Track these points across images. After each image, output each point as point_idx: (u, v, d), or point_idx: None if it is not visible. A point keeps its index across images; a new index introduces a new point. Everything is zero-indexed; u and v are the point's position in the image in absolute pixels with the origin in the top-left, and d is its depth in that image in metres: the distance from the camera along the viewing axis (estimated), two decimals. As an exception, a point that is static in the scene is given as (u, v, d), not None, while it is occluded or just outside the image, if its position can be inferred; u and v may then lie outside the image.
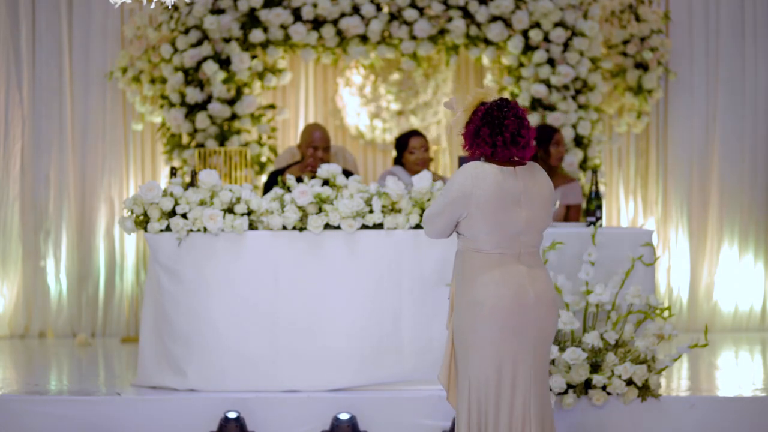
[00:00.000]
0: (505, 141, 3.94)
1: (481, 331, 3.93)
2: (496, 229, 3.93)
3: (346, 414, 5.13)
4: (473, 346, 3.94)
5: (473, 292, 3.94)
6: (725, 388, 5.61)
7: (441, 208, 3.98)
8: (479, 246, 3.96)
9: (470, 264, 3.98)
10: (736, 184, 7.76)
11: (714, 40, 7.77)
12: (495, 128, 3.94)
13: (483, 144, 3.96)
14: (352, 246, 5.37)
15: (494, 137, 3.94)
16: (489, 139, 3.94)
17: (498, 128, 3.94)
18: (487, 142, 3.95)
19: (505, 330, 3.93)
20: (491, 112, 3.95)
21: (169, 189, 5.41)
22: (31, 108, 7.60)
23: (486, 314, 3.92)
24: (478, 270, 3.96)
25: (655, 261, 5.46)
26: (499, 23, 7.15)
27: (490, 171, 3.94)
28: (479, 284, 3.94)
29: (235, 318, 5.36)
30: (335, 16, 7.17)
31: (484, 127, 3.95)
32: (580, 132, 7.20)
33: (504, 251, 3.96)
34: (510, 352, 3.94)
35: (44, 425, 5.20)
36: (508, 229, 3.94)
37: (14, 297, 7.57)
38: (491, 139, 3.94)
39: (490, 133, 3.94)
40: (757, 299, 7.79)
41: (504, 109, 3.95)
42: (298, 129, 7.83)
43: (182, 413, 5.22)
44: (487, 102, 4.00)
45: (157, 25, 7.35)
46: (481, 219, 3.92)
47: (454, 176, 4.00)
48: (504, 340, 3.93)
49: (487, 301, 3.92)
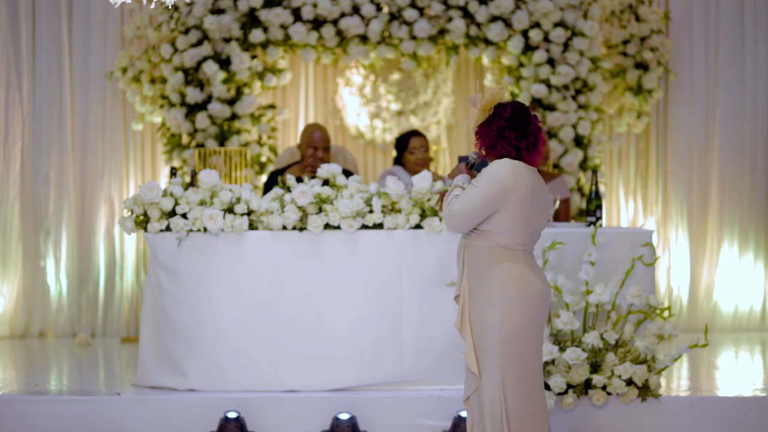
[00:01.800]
0: (529, 144, 4.00)
1: (531, 326, 3.97)
2: (525, 225, 3.98)
3: (346, 414, 5.13)
4: (522, 340, 3.95)
5: (515, 286, 3.95)
6: (725, 388, 5.60)
7: (482, 202, 3.95)
8: (504, 242, 3.98)
9: (497, 259, 3.97)
10: (736, 184, 7.77)
11: (714, 40, 7.78)
12: (521, 131, 3.98)
13: (507, 146, 4.00)
14: (352, 246, 5.37)
15: (519, 140, 3.98)
16: (515, 141, 3.98)
17: (523, 131, 3.99)
18: (513, 144, 3.99)
19: (537, 322, 4.00)
20: (516, 115, 3.99)
21: (169, 189, 5.41)
22: (31, 108, 7.60)
23: (536, 308, 3.97)
24: (510, 265, 3.97)
25: (655, 261, 5.46)
26: (499, 23, 7.15)
27: (525, 168, 3.98)
28: (519, 278, 3.95)
29: (235, 318, 5.36)
30: (335, 16, 7.17)
31: (509, 129, 3.98)
32: (580, 132, 7.20)
33: (525, 248, 4.02)
34: (535, 348, 4.02)
35: (44, 425, 5.20)
36: (531, 227, 4.01)
37: (14, 297, 7.57)
38: (516, 142, 3.98)
39: (516, 136, 3.98)
40: (757, 299, 7.80)
41: (525, 114, 4.01)
42: (298, 129, 7.83)
43: (182, 413, 5.22)
44: (503, 103, 4.03)
45: (157, 25, 7.35)
46: (514, 215, 3.95)
47: (494, 171, 3.97)
48: (535, 333, 4.00)
49: (534, 294, 3.96)
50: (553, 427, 5.14)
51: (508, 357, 3.95)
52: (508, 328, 3.95)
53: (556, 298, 5.31)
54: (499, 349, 3.95)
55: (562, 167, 7.18)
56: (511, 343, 3.95)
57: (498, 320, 3.95)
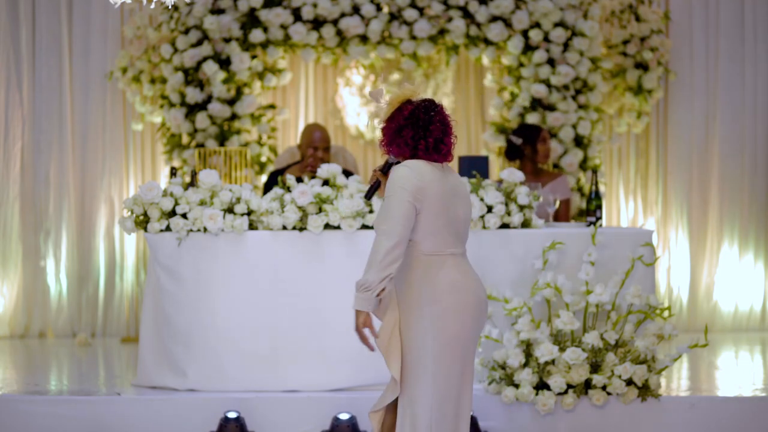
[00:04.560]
0: (427, 146, 3.74)
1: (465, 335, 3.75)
2: (446, 226, 3.72)
3: (346, 414, 5.13)
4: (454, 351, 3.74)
5: (445, 297, 3.72)
6: (725, 388, 5.60)
7: (399, 208, 3.64)
8: (429, 248, 3.73)
9: (425, 268, 3.72)
10: (736, 184, 7.76)
11: (714, 40, 7.78)
12: (419, 131, 3.76)
13: (404, 145, 3.76)
14: (352, 246, 5.37)
15: (416, 140, 3.74)
16: (411, 141, 3.75)
17: (422, 131, 3.75)
18: (408, 144, 3.75)
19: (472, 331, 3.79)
20: (417, 114, 3.77)
21: (169, 189, 5.41)
22: (31, 108, 7.60)
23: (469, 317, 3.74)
24: (439, 274, 3.72)
25: (655, 261, 5.46)
26: (499, 23, 7.15)
27: (427, 166, 3.73)
28: (450, 288, 3.72)
29: (235, 318, 5.36)
30: (335, 16, 7.17)
31: (407, 128, 3.77)
32: (580, 132, 7.20)
33: (454, 251, 3.77)
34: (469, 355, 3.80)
35: (44, 425, 5.20)
36: (452, 227, 3.75)
37: (14, 297, 7.57)
38: (413, 142, 3.75)
39: (413, 136, 3.75)
40: (757, 299, 7.80)
41: (431, 113, 3.77)
42: (298, 129, 7.83)
43: (182, 413, 5.22)
44: (413, 101, 3.82)
45: (157, 25, 7.35)
46: (432, 215, 3.69)
47: (394, 176, 3.71)
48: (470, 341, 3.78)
49: (467, 303, 3.73)
50: (553, 427, 5.15)
51: (440, 372, 3.72)
52: (438, 343, 3.72)
53: (555, 298, 5.31)
54: (431, 364, 3.72)
55: (562, 167, 7.18)
56: (441, 357, 3.72)
57: (429, 335, 3.72)
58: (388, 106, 3.84)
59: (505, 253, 5.44)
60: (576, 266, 5.40)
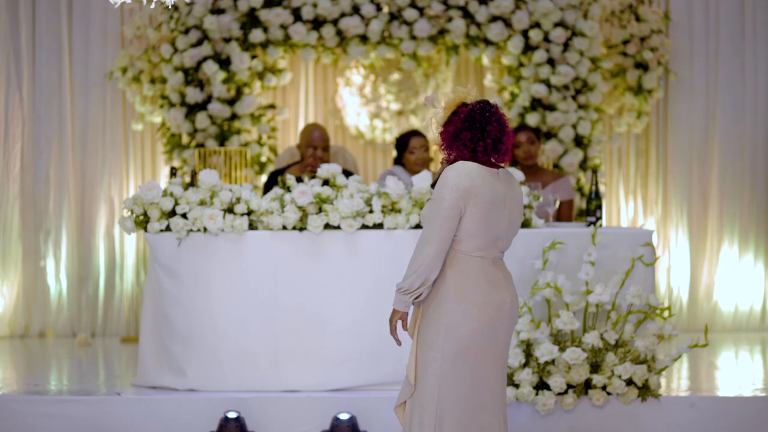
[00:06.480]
0: (486, 147, 3.82)
1: (481, 341, 3.80)
2: (485, 230, 3.81)
3: (346, 414, 5.13)
4: (466, 357, 3.79)
5: (464, 298, 3.79)
6: (725, 388, 5.60)
7: (443, 213, 3.75)
8: (462, 246, 3.81)
9: (451, 264, 3.81)
10: (736, 184, 7.77)
11: (714, 40, 7.78)
12: (477, 133, 3.81)
13: (463, 147, 3.83)
14: (352, 246, 5.37)
15: (475, 142, 3.81)
16: (470, 143, 3.81)
17: (480, 133, 3.81)
18: (468, 146, 3.82)
19: (500, 336, 3.85)
20: (473, 116, 3.82)
21: (169, 189, 5.41)
22: (31, 108, 7.60)
23: (488, 322, 3.80)
24: (462, 273, 3.81)
25: (655, 261, 5.46)
26: (499, 23, 7.15)
27: (478, 169, 3.81)
28: (471, 290, 3.79)
29: (235, 318, 5.36)
30: (335, 16, 7.17)
31: (465, 130, 3.82)
32: (580, 132, 7.20)
33: (484, 255, 3.84)
34: (488, 358, 3.84)
35: (44, 425, 5.20)
36: (492, 233, 3.83)
37: (14, 297, 7.57)
38: (472, 144, 3.82)
39: (472, 138, 3.81)
40: (757, 299, 7.80)
41: (486, 114, 3.82)
42: (298, 129, 7.83)
43: (182, 413, 5.22)
44: (468, 103, 3.87)
45: (157, 25, 7.35)
46: (473, 219, 3.78)
47: (444, 179, 3.80)
48: (485, 349, 3.82)
49: (487, 306, 3.80)
50: (553, 427, 5.15)
51: (450, 376, 3.78)
52: (450, 347, 3.78)
53: (555, 298, 5.31)
54: (440, 366, 3.78)
55: (562, 167, 7.18)
56: (453, 362, 3.78)
57: (441, 336, 3.79)
58: (444, 110, 3.90)
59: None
60: (576, 266, 5.41)
